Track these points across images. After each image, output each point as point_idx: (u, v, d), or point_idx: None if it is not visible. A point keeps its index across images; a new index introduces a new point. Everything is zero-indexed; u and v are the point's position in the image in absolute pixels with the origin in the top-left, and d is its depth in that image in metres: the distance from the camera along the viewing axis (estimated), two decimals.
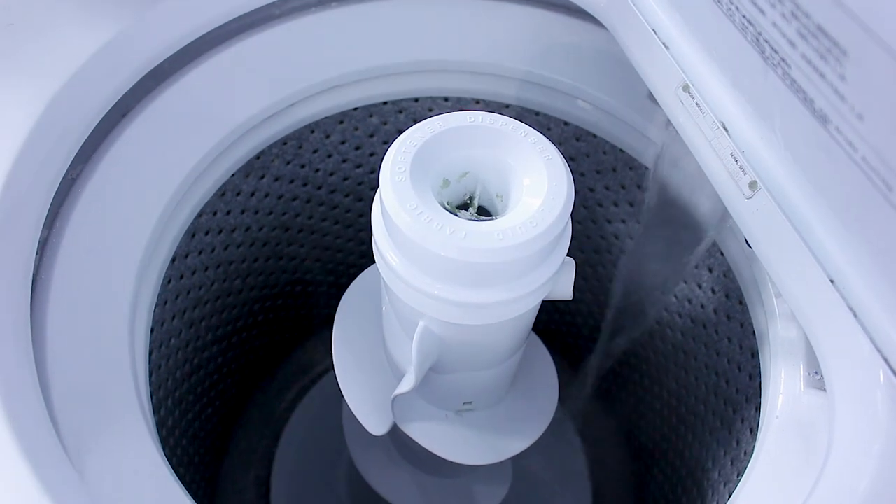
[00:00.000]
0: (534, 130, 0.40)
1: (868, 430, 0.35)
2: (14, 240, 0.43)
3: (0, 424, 0.36)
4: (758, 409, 0.50)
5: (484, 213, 0.42)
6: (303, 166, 0.67)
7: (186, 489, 0.42)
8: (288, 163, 0.65)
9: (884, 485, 0.34)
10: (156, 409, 0.52)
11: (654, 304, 0.63)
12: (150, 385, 0.50)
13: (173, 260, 0.55)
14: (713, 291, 0.60)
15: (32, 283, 0.44)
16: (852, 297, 0.35)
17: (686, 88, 0.43)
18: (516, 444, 0.57)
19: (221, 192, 0.60)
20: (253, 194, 0.64)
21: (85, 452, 0.41)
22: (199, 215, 0.58)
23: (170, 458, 0.44)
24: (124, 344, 0.46)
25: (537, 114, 0.64)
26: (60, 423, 0.41)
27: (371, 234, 0.42)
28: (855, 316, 0.35)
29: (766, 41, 0.35)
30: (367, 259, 0.80)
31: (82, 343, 0.45)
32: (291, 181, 0.67)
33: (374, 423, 0.54)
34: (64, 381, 0.43)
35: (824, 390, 0.40)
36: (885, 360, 0.34)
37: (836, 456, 0.37)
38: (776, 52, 0.34)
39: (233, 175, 0.59)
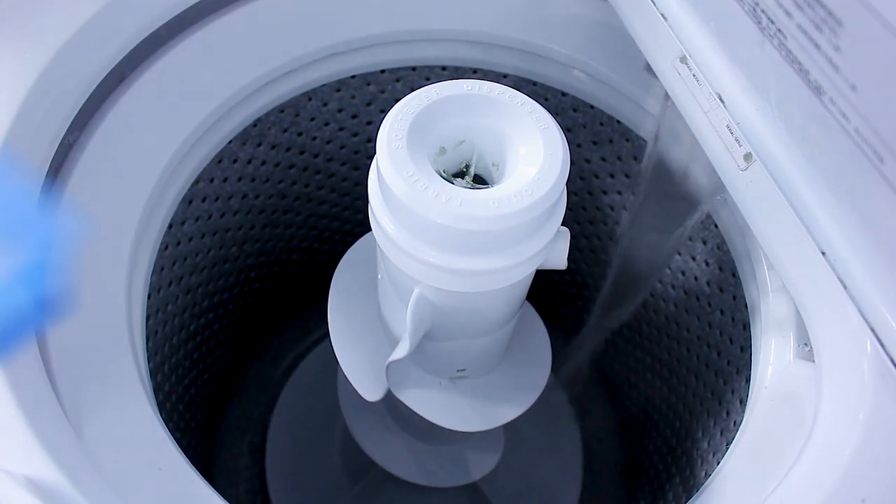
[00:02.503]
0: (531, 100, 0.41)
1: (854, 400, 0.36)
2: None
3: (1, 388, 0.37)
4: (748, 380, 0.51)
5: (480, 181, 0.42)
6: (300, 134, 0.66)
7: (182, 453, 0.43)
8: (285, 130, 0.65)
9: (868, 452, 0.35)
10: (152, 375, 0.53)
11: (648, 276, 0.63)
12: (146, 350, 0.50)
13: (170, 227, 0.55)
14: (707, 264, 0.60)
15: None
16: (842, 269, 0.36)
17: (683, 60, 0.43)
18: (509, 412, 0.57)
19: (218, 160, 0.60)
20: (250, 162, 0.64)
21: (83, 415, 0.41)
22: (196, 182, 0.58)
23: (166, 423, 0.45)
24: (122, 309, 0.47)
25: (535, 84, 0.63)
26: (59, 386, 0.42)
27: (367, 203, 0.42)
28: (844, 288, 0.36)
29: (762, 11, 0.35)
30: (363, 227, 0.80)
31: (80, 308, 0.45)
32: (288, 149, 0.67)
33: (369, 389, 0.55)
34: (62, 344, 0.43)
35: (813, 361, 0.40)
36: (873, 331, 0.35)
37: (822, 424, 0.38)
38: (773, 22, 0.34)
39: (230, 142, 0.59)
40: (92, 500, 0.35)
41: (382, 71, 0.64)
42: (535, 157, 0.38)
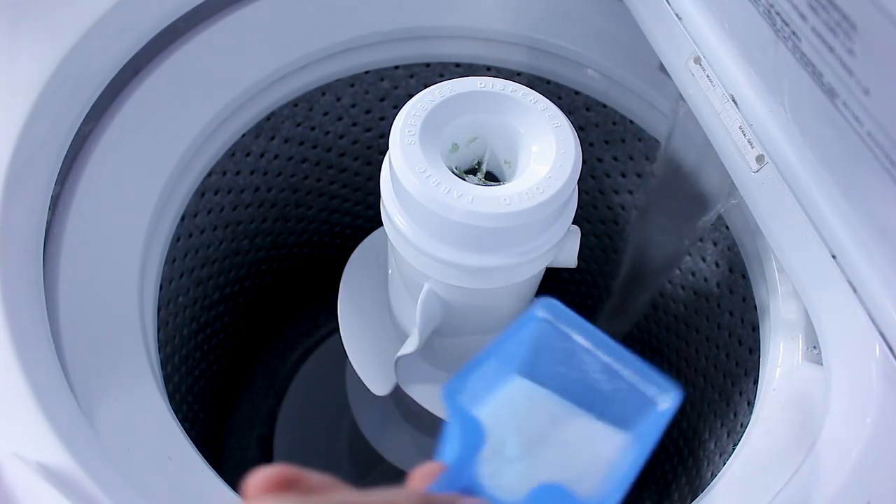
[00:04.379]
0: (544, 98, 0.41)
1: (862, 403, 0.36)
2: (27, 195, 0.43)
3: (15, 375, 0.37)
4: (756, 382, 0.51)
5: (492, 178, 0.43)
6: (312, 129, 0.67)
7: (192, 443, 0.43)
8: (298, 125, 0.65)
9: (875, 455, 0.35)
10: (163, 365, 0.53)
11: (657, 276, 0.63)
12: (157, 341, 0.51)
13: (182, 218, 0.56)
14: (717, 265, 0.60)
15: (45, 238, 0.45)
16: (852, 273, 0.36)
17: (697, 60, 0.43)
18: None
19: (231, 153, 0.60)
20: (262, 155, 0.64)
21: (95, 404, 0.42)
22: (209, 175, 0.58)
23: (176, 413, 0.45)
24: (134, 300, 0.47)
25: (548, 82, 0.64)
26: (72, 374, 0.42)
27: (379, 198, 0.42)
28: (854, 291, 0.36)
29: (777, 13, 0.35)
30: (374, 223, 0.80)
31: (93, 297, 0.45)
32: (301, 143, 0.67)
33: (377, 383, 0.55)
34: (75, 333, 0.44)
35: (821, 364, 0.40)
36: (882, 334, 0.35)
37: (829, 427, 0.37)
38: (787, 24, 0.34)
39: (243, 136, 0.60)
40: (103, 487, 0.36)
41: (396, 67, 0.64)
42: (547, 155, 0.38)
